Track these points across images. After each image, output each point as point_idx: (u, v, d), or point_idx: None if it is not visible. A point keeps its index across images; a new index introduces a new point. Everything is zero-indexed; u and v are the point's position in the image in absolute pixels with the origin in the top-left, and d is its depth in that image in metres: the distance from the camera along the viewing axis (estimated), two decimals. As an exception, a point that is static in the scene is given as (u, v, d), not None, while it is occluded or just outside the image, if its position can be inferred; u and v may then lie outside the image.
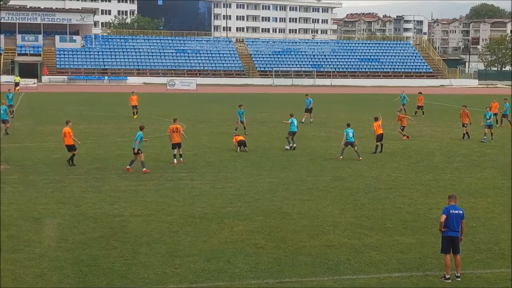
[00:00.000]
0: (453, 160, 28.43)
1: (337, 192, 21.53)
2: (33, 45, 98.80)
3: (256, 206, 19.35)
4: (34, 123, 40.26)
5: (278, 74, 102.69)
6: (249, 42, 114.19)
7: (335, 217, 18.23)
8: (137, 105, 45.47)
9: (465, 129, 35.13)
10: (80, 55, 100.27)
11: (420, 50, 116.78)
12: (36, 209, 18.56)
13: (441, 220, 13.35)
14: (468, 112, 35.38)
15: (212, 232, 16.49)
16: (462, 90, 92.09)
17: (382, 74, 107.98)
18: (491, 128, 34.85)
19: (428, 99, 64.25)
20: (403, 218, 18.26)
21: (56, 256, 14.49)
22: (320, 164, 26.87)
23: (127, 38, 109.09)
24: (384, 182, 23.31)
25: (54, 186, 21.67)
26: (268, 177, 23.73)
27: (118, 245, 15.34)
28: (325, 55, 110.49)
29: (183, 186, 22.01)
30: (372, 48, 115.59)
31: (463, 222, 13.54)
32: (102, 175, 23.65)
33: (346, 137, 27.75)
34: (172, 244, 15.49)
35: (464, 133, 35.18)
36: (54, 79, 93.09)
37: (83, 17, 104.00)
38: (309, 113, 43.05)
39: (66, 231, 16.47)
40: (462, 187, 22.61)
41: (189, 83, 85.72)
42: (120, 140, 33.17)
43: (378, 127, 29.68)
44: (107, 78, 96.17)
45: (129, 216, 17.92)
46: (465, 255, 14.49)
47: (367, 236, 16.37)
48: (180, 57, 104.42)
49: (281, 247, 15.39)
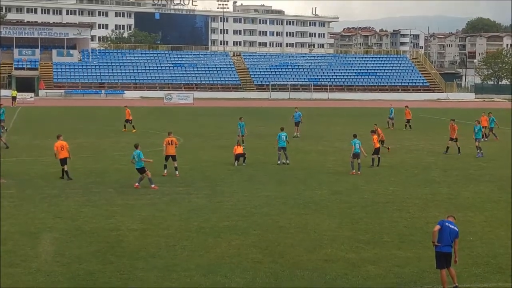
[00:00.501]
0: (450, 174, 28.45)
1: (335, 206, 21.51)
2: (30, 59, 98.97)
3: (253, 220, 19.32)
4: (31, 137, 40.22)
5: (275, 88, 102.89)
6: (246, 56, 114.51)
7: (333, 231, 18.20)
8: (130, 119, 45.46)
9: (451, 142, 34.75)
10: (77, 69, 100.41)
11: (417, 64, 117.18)
12: (33, 224, 18.51)
13: (434, 229, 13.34)
14: (456, 126, 35.13)
15: (209, 247, 16.45)
16: (458, 104, 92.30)
17: (379, 88, 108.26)
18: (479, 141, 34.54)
19: (425, 113, 64.41)
20: (401, 232, 18.24)
21: (53, 271, 14.43)
22: (317, 178, 26.86)
23: (124, 52, 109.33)
24: (382, 196, 23.30)
25: (50, 201, 21.61)
26: (265, 191, 23.71)
27: (115, 259, 15.29)
28: (322, 69, 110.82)
29: (180, 200, 21.98)
30: (369, 62, 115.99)
31: (456, 242, 13.50)
32: (99, 190, 23.61)
33: (354, 148, 27.79)
34: (169, 258, 15.45)
35: (448, 146, 34.80)
36: (51, 93, 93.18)
37: (80, 32, 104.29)
38: (297, 127, 42.80)
39: (62, 245, 16.42)
40: (459, 201, 22.62)
41: (186, 97, 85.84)
42: (116, 154, 33.14)
43: (376, 140, 29.77)
44: (104, 92, 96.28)
45: (126, 231, 17.88)
46: (462, 269, 14.47)
47: (365, 250, 16.34)
48: (177, 71, 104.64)
49: (278, 261, 15.35)
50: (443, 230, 13.32)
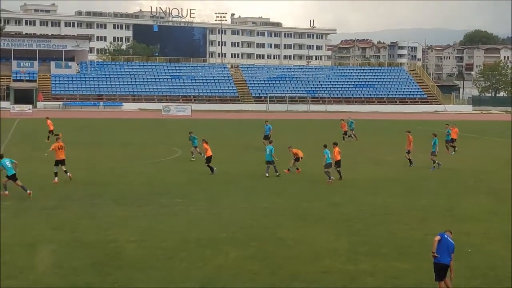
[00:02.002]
0: (448, 186, 28.47)
1: (332, 217, 21.50)
2: (28, 71, 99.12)
3: (251, 232, 19.31)
4: (29, 149, 40.18)
5: (273, 100, 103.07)
6: (244, 68, 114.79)
7: (330, 243, 18.20)
8: (53, 130, 45.11)
9: (408, 155, 34.18)
10: (75, 81, 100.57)
11: (415, 76, 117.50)
12: (31, 235, 18.47)
13: (435, 239, 13.41)
14: (411, 138, 34.49)
15: (207, 258, 16.43)
16: (456, 116, 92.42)
17: (377, 100, 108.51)
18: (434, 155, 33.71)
19: (422, 125, 64.50)
20: (399, 243, 18.24)
21: (51, 283, 14.41)
22: (315, 190, 26.87)
23: (123, 64, 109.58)
24: (380, 207, 23.30)
25: (48, 212, 21.59)
26: (263, 203, 23.70)
27: (113, 271, 15.27)
28: (320, 81, 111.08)
29: (178, 212, 21.97)
30: (366, 74, 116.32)
31: (452, 257, 13.56)
32: (97, 201, 23.59)
33: (326, 158, 28.11)
34: (167, 270, 15.43)
35: (409, 159, 34.13)
36: (50, 105, 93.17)
37: (79, 43, 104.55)
38: (267, 140, 39.81)
39: (60, 257, 16.39)
40: (457, 212, 22.62)
41: (184, 109, 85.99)
42: (114, 166, 33.14)
43: (338, 153, 29.27)
44: (102, 104, 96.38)
45: (124, 242, 17.85)
46: (460, 281, 14.46)
47: (363, 262, 16.34)
48: (175, 83, 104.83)
49: (276, 273, 15.34)
50: (442, 242, 13.37)
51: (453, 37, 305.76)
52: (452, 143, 41.11)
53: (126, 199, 24.08)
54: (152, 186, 27.13)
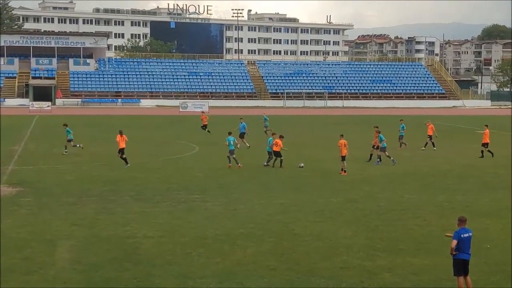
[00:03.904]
0: (466, 182, 28.32)
1: (350, 213, 21.49)
2: (47, 68, 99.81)
3: (268, 227, 19.35)
4: (48, 146, 40.52)
5: (290, 96, 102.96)
6: (261, 64, 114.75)
7: (348, 238, 18.19)
8: None
9: (373, 149, 34.06)
10: (93, 78, 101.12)
11: (432, 71, 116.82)
12: (50, 231, 18.65)
13: (452, 246, 13.27)
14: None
15: (225, 254, 16.50)
16: (474, 111, 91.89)
17: (394, 95, 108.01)
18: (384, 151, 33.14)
19: (440, 120, 64.13)
20: (416, 239, 18.19)
21: (70, 278, 14.54)
22: (332, 186, 26.86)
23: (140, 61, 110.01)
24: (397, 203, 23.25)
25: (67, 208, 21.77)
26: (280, 199, 23.73)
27: (131, 267, 15.38)
28: (337, 77, 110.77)
29: (196, 208, 22.06)
30: (383, 69, 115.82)
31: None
32: (115, 197, 23.75)
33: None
34: (185, 266, 15.51)
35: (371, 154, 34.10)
36: (68, 102, 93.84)
37: (97, 41, 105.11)
38: (242, 138, 40.18)
39: (79, 253, 16.54)
40: (475, 208, 22.49)
41: (202, 105, 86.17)
42: (133, 162, 33.31)
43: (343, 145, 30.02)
44: (120, 101, 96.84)
45: (142, 238, 17.96)
46: (479, 277, 14.41)
47: (380, 258, 16.32)
48: (192, 79, 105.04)
49: (293, 268, 15.37)
50: (461, 242, 13.26)
51: (471, 31, 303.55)
52: (430, 139, 40.48)
53: (144, 195, 24.22)
54: (169, 182, 27.25)
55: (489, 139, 36.12)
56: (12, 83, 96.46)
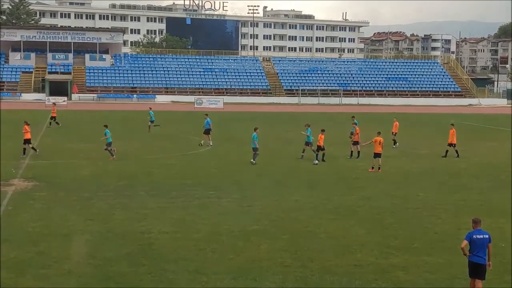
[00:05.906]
0: (481, 180, 28.19)
1: (364, 211, 21.46)
2: (63, 63, 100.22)
3: (282, 224, 19.37)
4: (64, 140, 40.75)
5: (305, 93, 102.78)
6: (276, 61, 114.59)
7: (362, 236, 18.17)
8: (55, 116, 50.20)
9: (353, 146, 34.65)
10: (109, 73, 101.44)
11: (448, 69, 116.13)
12: (65, 226, 18.78)
13: (462, 246, 13.11)
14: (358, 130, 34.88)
15: (239, 250, 16.54)
16: (490, 110, 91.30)
17: (410, 93, 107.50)
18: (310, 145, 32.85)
19: (456, 119, 63.81)
20: (431, 238, 18.14)
21: (85, 273, 14.65)
22: (347, 183, 26.82)
23: (156, 57, 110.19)
24: (411, 201, 23.19)
25: (82, 203, 21.90)
26: (294, 196, 23.74)
27: (146, 262, 15.46)
28: (352, 74, 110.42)
29: (210, 204, 22.12)
30: (399, 67, 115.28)
31: (490, 246, 13.19)
32: (130, 192, 23.85)
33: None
34: (199, 261, 15.57)
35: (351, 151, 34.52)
36: (84, 97, 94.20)
37: (113, 36, 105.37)
38: (207, 135, 39.15)
39: (94, 247, 16.64)
40: (490, 207, 22.40)
41: (216, 102, 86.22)
42: (148, 158, 33.45)
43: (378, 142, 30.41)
44: (136, 97, 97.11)
45: (157, 233, 18.04)
46: (493, 276, 14.34)
47: (395, 256, 16.29)
48: (207, 75, 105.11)
49: (307, 266, 15.38)
50: (473, 243, 13.07)
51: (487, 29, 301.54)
52: (394, 136, 40.46)
53: (159, 190, 24.31)
54: (184, 178, 27.34)
55: (455, 139, 35.12)
56: (28, 78, 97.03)
